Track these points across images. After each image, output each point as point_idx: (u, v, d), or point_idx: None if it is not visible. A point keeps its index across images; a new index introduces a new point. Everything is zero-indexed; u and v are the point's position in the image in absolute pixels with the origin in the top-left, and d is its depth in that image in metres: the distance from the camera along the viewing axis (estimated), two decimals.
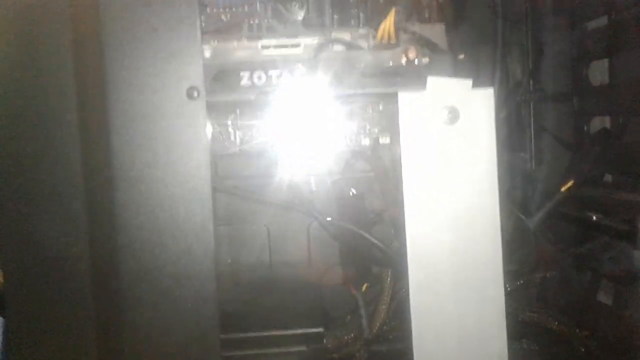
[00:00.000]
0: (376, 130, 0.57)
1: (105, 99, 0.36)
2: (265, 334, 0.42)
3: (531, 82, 0.58)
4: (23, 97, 0.36)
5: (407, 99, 0.42)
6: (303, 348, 0.41)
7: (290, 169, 0.56)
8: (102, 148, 0.36)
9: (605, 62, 0.52)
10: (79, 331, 0.37)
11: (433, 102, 0.42)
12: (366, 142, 0.57)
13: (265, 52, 0.43)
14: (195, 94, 0.36)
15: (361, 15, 0.52)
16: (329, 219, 0.51)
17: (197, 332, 0.36)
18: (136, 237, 0.36)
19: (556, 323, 0.51)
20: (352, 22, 0.52)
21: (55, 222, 0.36)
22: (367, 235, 0.51)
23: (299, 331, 0.42)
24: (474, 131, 0.42)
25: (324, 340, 0.43)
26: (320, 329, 0.43)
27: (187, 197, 0.36)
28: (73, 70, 0.35)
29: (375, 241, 0.51)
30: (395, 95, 0.42)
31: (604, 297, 0.47)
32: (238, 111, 0.54)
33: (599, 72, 0.53)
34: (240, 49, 0.43)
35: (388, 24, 0.41)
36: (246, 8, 0.52)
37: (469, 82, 0.41)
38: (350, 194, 0.57)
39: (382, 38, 0.42)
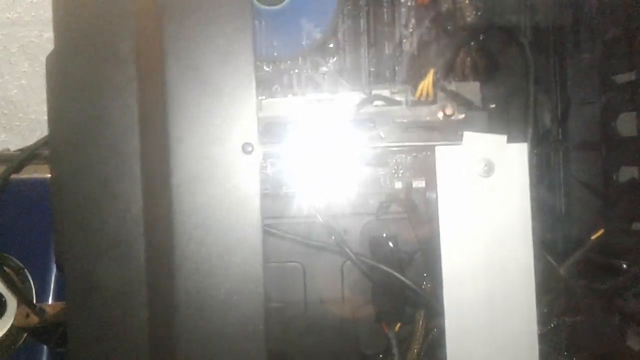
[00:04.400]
0: (408, 174, 0.59)
1: (168, 149, 0.39)
2: None
3: (560, 131, 0.60)
4: (91, 149, 0.40)
5: (444, 153, 0.44)
6: None
7: (326, 211, 0.58)
8: (164, 193, 0.39)
9: (633, 115, 0.54)
10: None
11: (469, 155, 0.44)
12: (399, 185, 0.59)
13: (310, 106, 0.46)
14: (250, 149, 0.39)
15: (396, 68, 0.55)
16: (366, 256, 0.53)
17: None
18: (192, 278, 0.39)
19: None
20: (387, 74, 0.56)
21: (116, 267, 0.39)
22: (400, 276, 0.53)
23: None
24: (508, 183, 0.44)
25: None
26: None
27: (240, 241, 0.39)
28: (139, 124, 0.39)
29: (409, 282, 0.53)
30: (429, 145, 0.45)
31: (633, 342, 0.48)
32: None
33: (627, 124, 0.55)
34: (286, 104, 0.46)
35: (427, 83, 0.44)
36: (288, 62, 0.55)
37: (503, 138, 0.44)
38: (383, 235, 0.59)
39: (420, 96, 0.44)
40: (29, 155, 0.63)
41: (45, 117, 0.88)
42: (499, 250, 0.44)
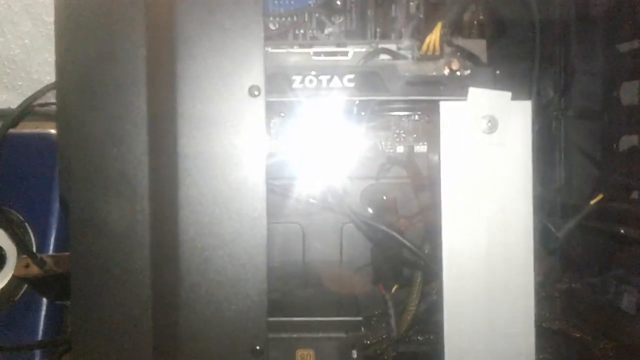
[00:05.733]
0: (411, 139, 0.60)
1: (175, 90, 0.39)
2: (307, 319, 0.44)
3: (562, 100, 0.61)
4: (98, 88, 0.40)
5: (448, 108, 0.44)
6: (342, 335, 0.44)
7: (327, 172, 0.58)
8: (169, 134, 0.39)
9: (636, 83, 0.54)
10: (137, 312, 0.39)
11: (473, 111, 0.44)
12: (400, 149, 0.60)
13: (316, 58, 0.46)
14: (257, 92, 0.39)
15: (403, 30, 0.55)
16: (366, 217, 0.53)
17: (247, 313, 0.39)
18: (195, 220, 0.39)
19: (579, 332, 0.53)
20: (393, 36, 0.56)
21: (120, 207, 0.39)
22: (401, 238, 0.54)
23: (339, 319, 0.45)
24: (511, 140, 0.44)
25: (362, 329, 0.45)
26: (360, 318, 0.46)
27: (243, 185, 0.39)
28: (146, 63, 0.39)
29: (409, 244, 0.53)
30: (431, 106, 0.45)
31: (628, 307, 0.49)
32: (282, 114, 0.58)
33: (630, 93, 0.55)
34: (292, 55, 0.46)
35: (434, 36, 0.44)
36: (295, 18, 0.55)
37: (508, 94, 0.44)
38: (383, 198, 0.60)
39: (427, 50, 0.45)
40: (26, 109, 0.62)
41: (48, 78, 0.87)
42: (500, 206, 0.44)
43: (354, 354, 0.43)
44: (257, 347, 0.38)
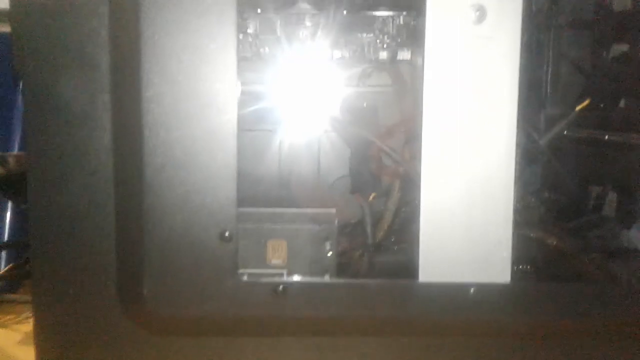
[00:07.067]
0: (394, 44, 0.57)
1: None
2: (279, 210, 0.42)
3: (553, 8, 0.58)
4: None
5: None
6: (315, 226, 0.42)
7: (306, 80, 0.56)
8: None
9: None
10: (98, 197, 0.37)
11: (461, 0, 0.42)
12: (384, 55, 0.57)
13: None
14: None
15: None
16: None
17: (216, 197, 0.37)
18: (159, 101, 0.37)
19: (555, 240, 0.52)
20: None
21: (80, 83, 0.37)
22: (381, 144, 0.52)
23: (312, 210, 0.44)
24: (499, 31, 0.42)
25: (336, 222, 0.44)
26: (333, 210, 0.44)
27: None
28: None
29: (389, 150, 0.52)
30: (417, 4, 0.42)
31: (608, 211, 0.49)
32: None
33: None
34: None
35: None
36: None
37: None
38: (364, 105, 0.58)
39: None
40: None
41: None
42: (484, 98, 0.42)
43: (328, 245, 0.42)
44: (226, 234, 0.37)
